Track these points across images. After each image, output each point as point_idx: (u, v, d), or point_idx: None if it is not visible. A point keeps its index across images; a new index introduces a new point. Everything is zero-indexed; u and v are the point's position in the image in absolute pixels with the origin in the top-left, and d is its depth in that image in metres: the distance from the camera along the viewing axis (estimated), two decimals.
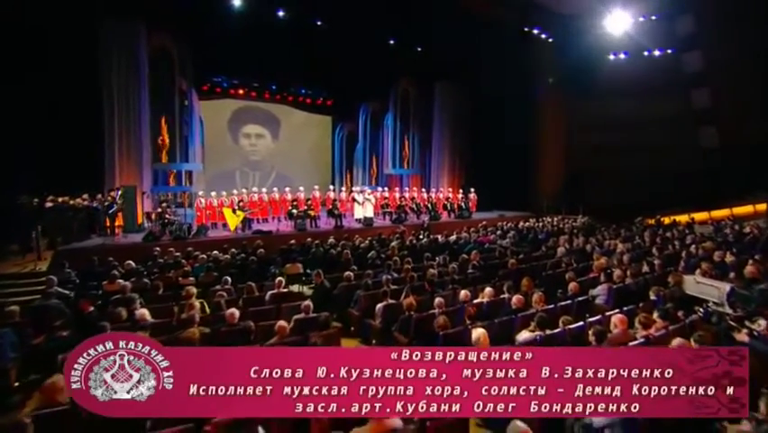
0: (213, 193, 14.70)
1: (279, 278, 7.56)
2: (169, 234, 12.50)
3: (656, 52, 18.08)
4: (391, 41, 18.02)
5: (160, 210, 12.94)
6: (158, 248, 10.34)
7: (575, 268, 8.97)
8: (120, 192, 13.04)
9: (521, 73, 19.40)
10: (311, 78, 19.85)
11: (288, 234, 13.70)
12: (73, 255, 10.19)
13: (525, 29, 18.38)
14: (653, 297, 6.69)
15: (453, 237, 12.98)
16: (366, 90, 20.36)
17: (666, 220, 16.30)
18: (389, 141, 21.00)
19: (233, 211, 13.63)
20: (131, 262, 9.05)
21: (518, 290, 7.30)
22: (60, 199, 11.17)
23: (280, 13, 15.88)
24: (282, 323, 5.31)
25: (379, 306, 6.76)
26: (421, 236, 13.47)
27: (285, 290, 7.54)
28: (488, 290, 6.89)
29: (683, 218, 16.18)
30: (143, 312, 6.03)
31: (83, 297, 6.68)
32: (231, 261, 9.77)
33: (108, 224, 12.57)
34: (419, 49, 18.93)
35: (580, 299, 6.85)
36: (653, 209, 17.22)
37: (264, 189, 16.04)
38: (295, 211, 14.60)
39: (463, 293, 6.77)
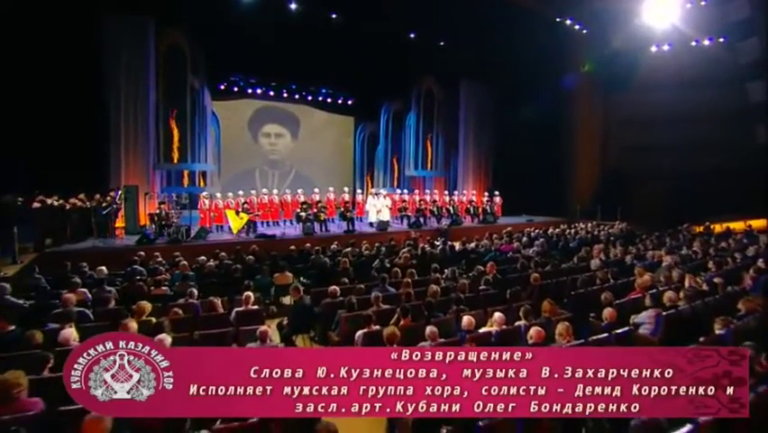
0: (218, 194, 13.59)
1: (248, 293, 6.14)
2: (167, 237, 11.41)
3: (706, 42, 15.78)
4: (411, 35, 16.46)
5: (158, 211, 11.85)
6: (142, 252, 9.16)
7: (612, 285, 7.17)
8: (120, 192, 12.09)
9: (553, 68, 17.49)
10: (331, 77, 18.48)
11: (294, 238, 12.40)
12: (58, 259, 9.17)
13: (558, 19, 16.43)
14: (719, 330, 4.88)
15: (472, 245, 11.31)
16: (388, 89, 18.91)
17: (717, 227, 14.03)
18: (411, 141, 19.43)
19: (237, 213, 12.43)
20: (103, 268, 7.88)
21: (538, 314, 5.64)
22: (49, 200, 10.15)
23: (293, 6, 14.57)
24: None
25: (359, 333, 5.23)
26: (437, 243, 11.90)
27: (255, 307, 6.12)
28: (497, 315, 5.25)
29: (738, 225, 13.86)
30: (68, 334, 4.77)
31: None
32: (214, 269, 8.46)
33: (109, 225, 11.63)
34: (441, 43, 17.30)
35: (619, 331, 5.07)
36: (701, 215, 14.91)
37: (275, 191, 14.83)
38: (303, 214, 13.26)
39: (466, 320, 5.16)
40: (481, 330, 5.27)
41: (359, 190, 16.19)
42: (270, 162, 19.19)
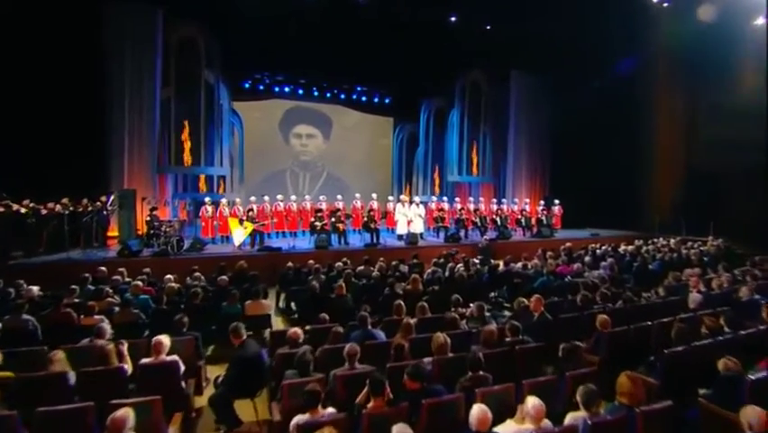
0: (224, 200, 12.02)
1: (162, 337, 4.18)
2: (157, 249, 9.90)
3: None
4: (452, 19, 14.28)
5: (148, 219, 10.40)
6: (103, 267, 7.62)
7: (732, 339, 4.60)
8: (112, 197, 10.78)
9: (624, 51, 14.65)
10: (366, 74, 16.72)
11: (304, 252, 10.54)
12: (16, 273, 7.80)
13: None
14: None
15: (519, 265, 8.91)
16: (428, 85, 16.92)
17: None
18: (455, 142, 17.17)
19: (240, 222, 10.76)
20: (33, 288, 6.36)
21: (610, 394, 3.30)
22: (17, 205, 8.89)
23: None
24: None
25: (294, 422, 3.14)
26: (476, 261, 9.64)
27: (172, 358, 4.17)
28: (532, 404, 2.96)
29: None
30: None
31: None
32: (176, 291, 6.67)
33: (97, 233, 10.33)
34: (488, 27, 14.97)
35: None
36: None
37: (293, 197, 13.13)
38: (318, 224, 11.39)
39: (477, 413, 2.91)
40: (504, 431, 3.01)
41: (390, 197, 14.07)
42: (301, 164, 18.04)
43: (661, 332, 4.88)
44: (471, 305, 5.69)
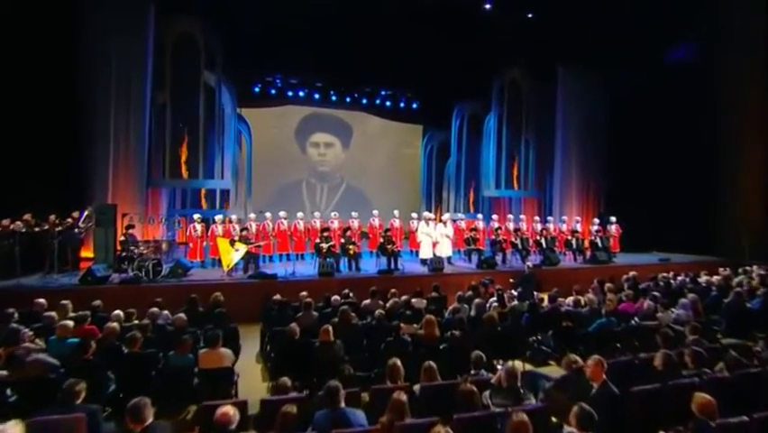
0: (218, 217, 10.92)
1: (5, 427, 2.89)
2: (131, 274, 8.84)
3: None
4: (487, 6, 12.97)
5: (122, 239, 9.40)
6: (42, 299, 6.54)
7: None
8: (86, 213, 9.87)
9: (698, 37, 12.91)
10: (390, 75, 15.66)
11: (304, 280, 9.27)
12: None
13: None
14: None
15: (569, 300, 7.30)
16: (461, 86, 15.62)
17: None
18: (492, 151, 15.73)
19: (231, 243, 9.60)
20: None
21: None
22: None
23: None
24: None
25: None
26: (514, 294, 8.17)
27: None
28: None
29: None
30: None
31: None
32: (118, 333, 5.46)
33: (66, 255, 9.41)
34: (530, 16, 13.54)
35: None
36: None
37: (300, 214, 11.92)
38: (324, 245, 10.11)
39: None
40: None
41: (413, 214, 12.66)
42: (319, 175, 17.25)
43: None
44: (500, 366, 4.18)
